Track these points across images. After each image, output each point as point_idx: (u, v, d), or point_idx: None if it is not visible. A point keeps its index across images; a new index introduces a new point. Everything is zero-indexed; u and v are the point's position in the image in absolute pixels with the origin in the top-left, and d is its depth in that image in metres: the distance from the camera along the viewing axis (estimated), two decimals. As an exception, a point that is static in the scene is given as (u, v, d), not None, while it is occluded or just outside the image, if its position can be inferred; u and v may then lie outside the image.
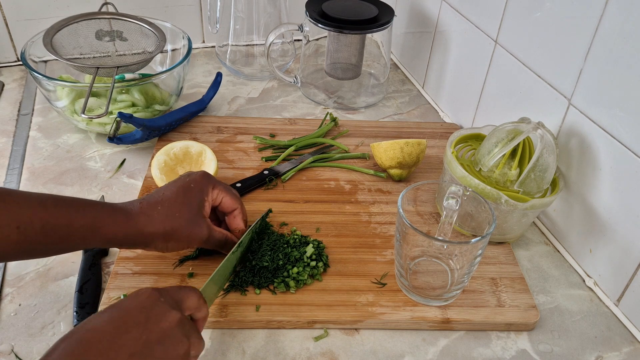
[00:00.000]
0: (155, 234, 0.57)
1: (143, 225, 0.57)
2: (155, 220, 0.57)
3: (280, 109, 1.01)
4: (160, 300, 0.47)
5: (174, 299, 0.49)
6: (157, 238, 0.58)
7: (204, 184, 0.62)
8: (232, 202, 0.65)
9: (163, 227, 0.58)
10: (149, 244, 0.58)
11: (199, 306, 0.51)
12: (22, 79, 1.03)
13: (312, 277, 0.65)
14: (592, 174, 0.67)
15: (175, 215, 0.58)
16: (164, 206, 0.58)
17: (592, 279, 0.70)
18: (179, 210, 0.59)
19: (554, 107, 0.72)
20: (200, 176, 0.63)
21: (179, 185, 0.61)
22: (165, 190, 0.61)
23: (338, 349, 0.60)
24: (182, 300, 0.49)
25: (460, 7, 0.92)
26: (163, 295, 0.48)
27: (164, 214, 0.58)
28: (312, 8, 0.96)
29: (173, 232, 0.58)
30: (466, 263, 0.59)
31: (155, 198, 0.59)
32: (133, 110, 0.87)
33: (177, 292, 0.50)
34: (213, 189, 0.63)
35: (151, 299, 0.47)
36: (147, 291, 0.47)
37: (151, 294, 0.47)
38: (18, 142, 0.87)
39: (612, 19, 0.61)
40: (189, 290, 0.51)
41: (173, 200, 0.59)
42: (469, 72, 0.92)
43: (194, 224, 0.60)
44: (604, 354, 0.61)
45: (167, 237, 0.58)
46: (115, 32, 0.91)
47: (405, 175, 0.81)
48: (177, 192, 0.60)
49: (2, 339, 0.58)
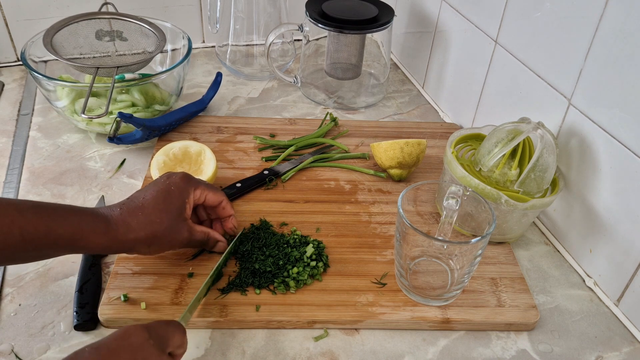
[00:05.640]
0: (136, 241, 0.58)
1: (123, 234, 0.57)
2: (135, 228, 0.57)
3: (280, 109, 1.01)
4: (149, 343, 0.46)
5: (161, 338, 0.48)
6: (138, 244, 0.58)
7: (184, 186, 0.62)
8: (216, 196, 0.65)
9: (144, 234, 0.58)
10: (131, 250, 0.59)
11: (182, 344, 0.52)
12: (22, 79, 1.03)
13: (312, 277, 0.65)
14: (592, 174, 0.67)
15: (155, 222, 0.59)
16: (143, 212, 0.58)
17: (592, 279, 0.70)
18: (158, 216, 0.59)
19: (554, 107, 0.72)
20: (180, 178, 0.62)
21: (159, 189, 0.61)
22: (145, 194, 0.60)
23: (338, 349, 0.60)
24: (168, 338, 0.49)
25: (460, 7, 0.92)
26: (152, 336, 0.47)
27: (144, 221, 0.58)
28: (312, 8, 0.96)
29: (154, 238, 0.59)
30: (466, 263, 0.59)
31: (135, 203, 0.59)
32: (133, 110, 0.87)
33: (165, 330, 0.50)
34: (195, 190, 0.63)
35: (139, 341, 0.46)
36: (136, 331, 0.47)
37: (140, 335, 0.47)
38: (18, 142, 0.87)
39: (612, 19, 0.61)
40: (176, 328, 0.51)
41: (153, 206, 0.59)
42: (469, 72, 0.92)
43: (174, 229, 0.60)
44: (604, 354, 0.61)
45: (148, 242, 0.59)
46: (115, 32, 0.91)
47: (405, 175, 0.81)
48: (157, 197, 0.60)
49: (2, 339, 0.58)
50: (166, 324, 0.51)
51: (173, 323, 0.52)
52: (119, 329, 0.47)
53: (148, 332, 0.47)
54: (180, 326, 0.52)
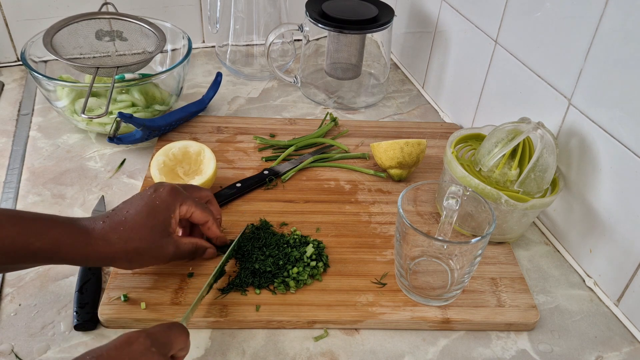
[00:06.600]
0: (115, 256, 0.56)
1: (102, 248, 0.55)
2: (115, 243, 0.55)
3: (280, 109, 1.01)
4: (152, 351, 0.46)
5: (164, 344, 0.48)
6: (118, 259, 0.57)
7: (170, 201, 0.59)
8: (202, 215, 0.63)
9: (124, 250, 0.56)
10: (112, 264, 0.58)
11: (185, 346, 0.51)
12: (22, 79, 1.03)
13: (312, 277, 0.65)
14: (592, 174, 0.67)
15: (137, 238, 0.57)
16: (125, 228, 0.56)
17: (592, 279, 0.70)
18: (140, 232, 0.57)
19: (554, 107, 0.72)
20: (167, 193, 0.60)
21: (144, 204, 0.58)
22: (130, 207, 0.58)
23: (338, 349, 0.60)
24: (171, 343, 0.49)
25: (460, 7, 0.92)
26: (154, 344, 0.46)
27: (125, 237, 0.56)
28: (312, 8, 0.96)
29: (135, 254, 0.57)
30: (466, 263, 0.59)
31: (119, 217, 0.57)
32: (133, 110, 0.87)
33: (168, 335, 0.49)
34: (181, 205, 0.60)
35: (141, 349, 0.45)
36: (138, 339, 0.46)
37: (143, 342, 0.46)
38: (18, 142, 0.87)
39: (612, 19, 0.61)
40: (179, 332, 0.51)
41: (135, 222, 0.57)
42: (469, 72, 0.92)
43: (157, 245, 0.58)
44: (604, 354, 0.61)
45: (128, 258, 0.57)
46: (115, 32, 0.91)
47: (405, 175, 0.81)
48: (141, 212, 0.58)
49: (2, 339, 0.58)
50: (168, 327, 0.50)
51: (175, 326, 0.51)
52: (120, 335, 0.46)
53: (150, 340, 0.46)
54: (183, 328, 0.52)
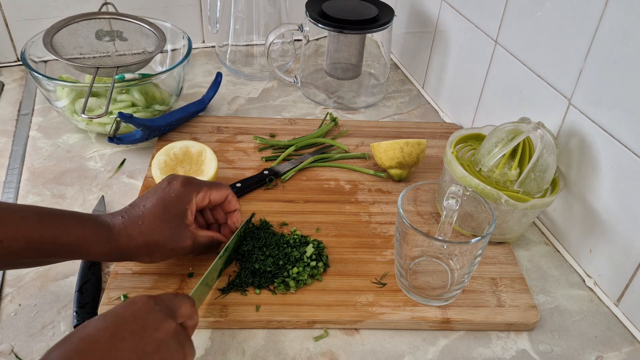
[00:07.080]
0: (137, 251, 0.57)
1: (125, 243, 0.57)
2: (136, 238, 0.57)
3: (280, 109, 1.01)
4: (156, 309, 0.46)
5: (169, 307, 0.48)
6: (140, 254, 0.58)
7: (185, 192, 0.60)
8: (220, 193, 0.64)
9: (145, 244, 0.57)
10: (133, 259, 0.59)
11: (192, 314, 0.51)
12: (22, 79, 1.03)
13: (312, 277, 0.65)
14: (592, 174, 0.67)
15: (156, 232, 0.58)
16: (144, 222, 0.58)
17: (592, 279, 0.70)
18: (159, 225, 0.58)
19: (554, 107, 0.72)
20: (181, 184, 0.61)
21: (159, 197, 0.59)
22: (146, 202, 0.59)
23: (338, 349, 0.60)
24: (176, 309, 0.49)
25: (461, 7, 0.92)
26: (158, 304, 0.47)
27: (145, 231, 0.57)
28: (312, 8, 0.96)
29: (156, 247, 0.58)
30: (466, 263, 0.59)
31: (137, 212, 0.58)
32: (133, 110, 0.87)
33: (172, 300, 0.50)
34: (197, 194, 0.61)
35: (146, 308, 0.46)
36: (142, 299, 0.47)
37: (146, 302, 0.47)
38: (18, 142, 0.87)
39: (612, 19, 0.61)
40: (183, 298, 0.51)
41: (153, 215, 0.58)
42: (469, 72, 0.92)
43: (175, 237, 0.59)
44: (604, 354, 0.61)
45: (150, 252, 0.58)
46: (115, 32, 0.91)
47: (405, 175, 0.81)
48: (157, 206, 0.59)
49: (2, 339, 0.58)
50: (173, 295, 0.51)
51: (181, 294, 0.52)
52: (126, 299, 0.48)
53: (154, 300, 0.47)
54: (188, 297, 0.52)
